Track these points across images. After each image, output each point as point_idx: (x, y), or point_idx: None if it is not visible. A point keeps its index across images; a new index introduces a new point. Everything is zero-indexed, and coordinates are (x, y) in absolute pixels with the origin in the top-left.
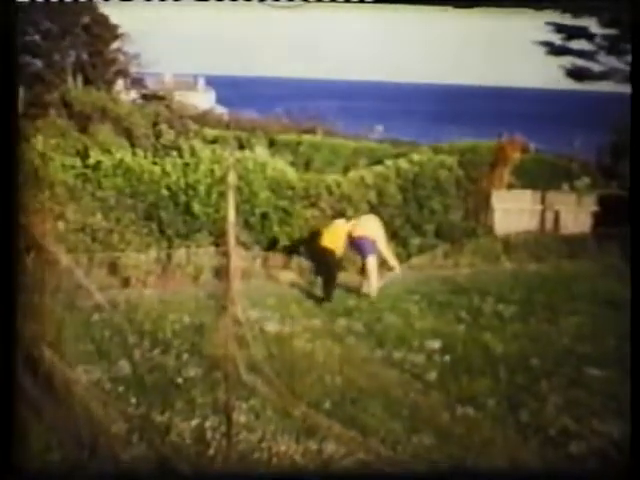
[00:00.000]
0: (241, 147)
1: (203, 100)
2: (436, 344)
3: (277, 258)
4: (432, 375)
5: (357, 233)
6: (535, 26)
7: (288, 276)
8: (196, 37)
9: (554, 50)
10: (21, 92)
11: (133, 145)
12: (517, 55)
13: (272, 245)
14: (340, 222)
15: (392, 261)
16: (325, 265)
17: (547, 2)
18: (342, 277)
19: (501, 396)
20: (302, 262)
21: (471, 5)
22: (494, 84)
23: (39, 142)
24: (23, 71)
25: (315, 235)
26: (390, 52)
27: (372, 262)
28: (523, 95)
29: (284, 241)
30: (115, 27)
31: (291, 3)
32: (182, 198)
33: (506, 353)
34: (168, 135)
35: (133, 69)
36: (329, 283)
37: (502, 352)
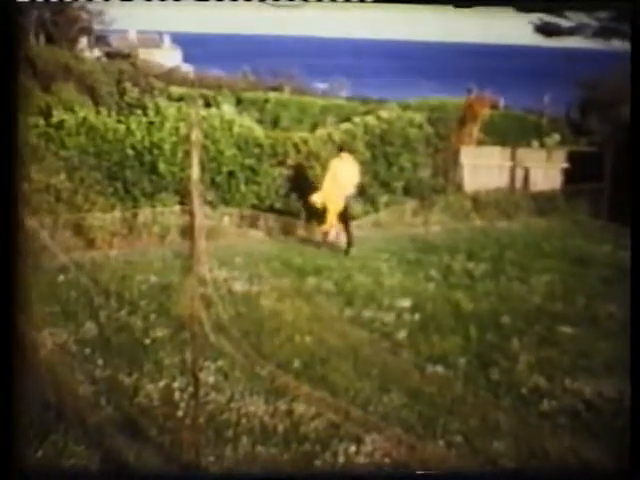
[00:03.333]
0: (207, 105)
1: (169, 58)
2: (406, 303)
3: (245, 217)
4: (402, 334)
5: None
6: None
7: (256, 235)
8: None
9: (523, 7)
10: None
11: (97, 103)
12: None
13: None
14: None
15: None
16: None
17: None
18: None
19: (472, 355)
20: (269, 220)
21: None
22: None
23: None
24: None
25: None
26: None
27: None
28: (492, 51)
29: (251, 199)
30: None
31: (291, 3)
32: (147, 157)
33: (476, 311)
34: (132, 93)
35: (97, 26)
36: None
37: (472, 310)
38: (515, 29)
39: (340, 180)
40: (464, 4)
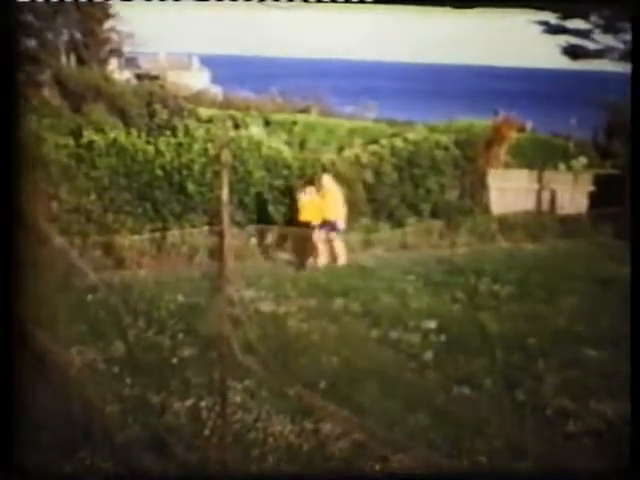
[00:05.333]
0: (236, 127)
1: (197, 79)
2: (432, 324)
3: (272, 238)
4: (428, 355)
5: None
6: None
7: (283, 256)
8: (191, 15)
9: (550, 29)
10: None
11: (127, 124)
12: (513, 34)
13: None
14: (312, 195)
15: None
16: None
17: None
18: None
19: (497, 376)
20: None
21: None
22: (491, 63)
23: (32, 122)
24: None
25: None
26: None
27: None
28: (519, 74)
29: (279, 220)
30: (108, 6)
31: (290, 4)
32: (176, 178)
33: (502, 333)
34: (162, 115)
35: (127, 48)
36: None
37: (498, 332)
38: (542, 52)
39: (329, 200)
40: (463, 5)
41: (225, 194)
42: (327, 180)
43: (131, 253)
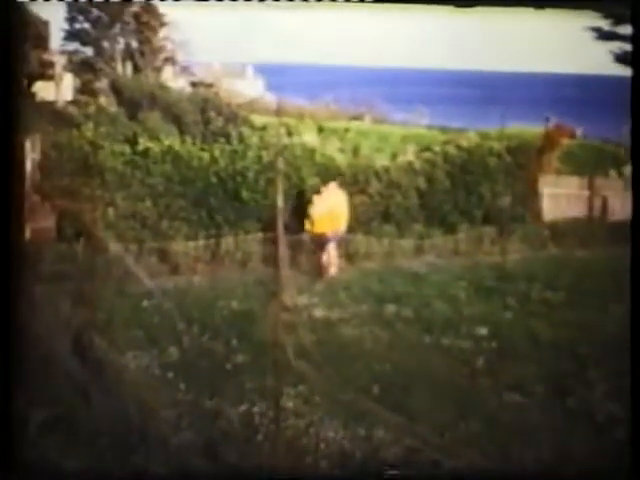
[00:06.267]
0: (289, 134)
1: (251, 87)
2: (484, 330)
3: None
4: (479, 361)
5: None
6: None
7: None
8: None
9: (602, 35)
10: (71, 79)
11: (182, 132)
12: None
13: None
14: (322, 205)
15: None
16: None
17: None
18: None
19: (548, 383)
20: (350, 248)
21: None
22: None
23: (89, 129)
24: (73, 59)
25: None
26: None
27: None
28: (571, 80)
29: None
30: (163, 15)
31: (290, 3)
32: (230, 185)
33: (553, 340)
34: (216, 122)
35: (181, 57)
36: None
37: (549, 339)
38: (595, 58)
39: (333, 210)
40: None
41: (280, 201)
42: (333, 188)
43: (186, 259)
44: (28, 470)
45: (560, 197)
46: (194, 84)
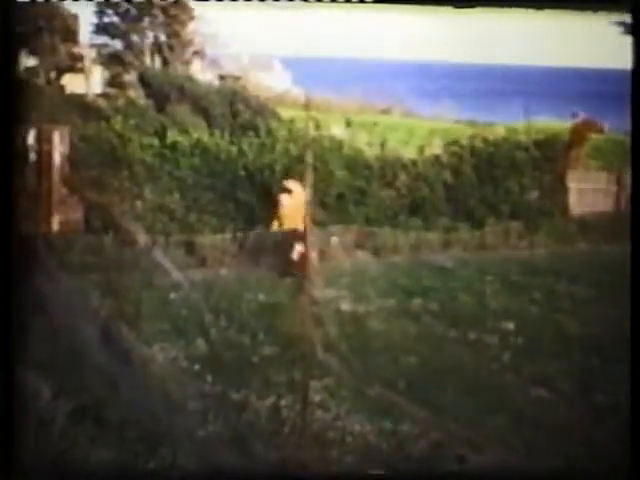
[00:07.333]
0: (317, 127)
1: (279, 80)
2: (510, 325)
3: (352, 238)
4: (506, 356)
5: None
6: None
7: (363, 255)
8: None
9: (629, 29)
10: (100, 72)
11: (210, 125)
12: (592, 35)
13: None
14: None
15: None
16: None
17: None
18: None
19: (575, 378)
20: (377, 241)
21: None
22: (569, 64)
23: (118, 122)
24: (102, 52)
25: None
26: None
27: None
28: (598, 75)
29: (360, 220)
30: (192, 8)
31: (290, 3)
32: (258, 177)
33: (580, 335)
34: (245, 115)
35: (210, 50)
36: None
37: (576, 334)
38: (622, 53)
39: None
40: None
41: (308, 194)
42: (293, 185)
43: (213, 252)
44: (57, 461)
45: (587, 192)
46: (222, 77)
